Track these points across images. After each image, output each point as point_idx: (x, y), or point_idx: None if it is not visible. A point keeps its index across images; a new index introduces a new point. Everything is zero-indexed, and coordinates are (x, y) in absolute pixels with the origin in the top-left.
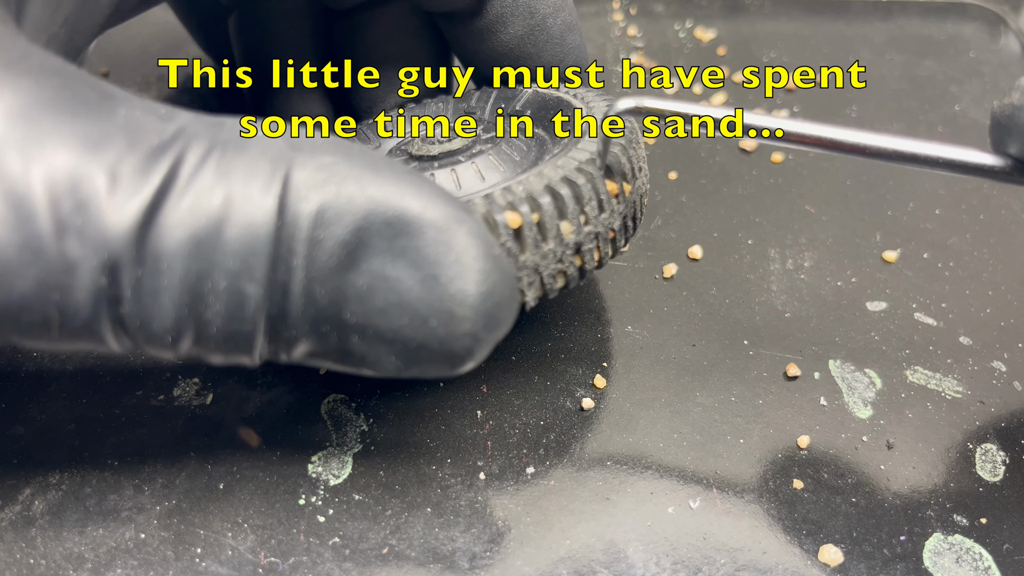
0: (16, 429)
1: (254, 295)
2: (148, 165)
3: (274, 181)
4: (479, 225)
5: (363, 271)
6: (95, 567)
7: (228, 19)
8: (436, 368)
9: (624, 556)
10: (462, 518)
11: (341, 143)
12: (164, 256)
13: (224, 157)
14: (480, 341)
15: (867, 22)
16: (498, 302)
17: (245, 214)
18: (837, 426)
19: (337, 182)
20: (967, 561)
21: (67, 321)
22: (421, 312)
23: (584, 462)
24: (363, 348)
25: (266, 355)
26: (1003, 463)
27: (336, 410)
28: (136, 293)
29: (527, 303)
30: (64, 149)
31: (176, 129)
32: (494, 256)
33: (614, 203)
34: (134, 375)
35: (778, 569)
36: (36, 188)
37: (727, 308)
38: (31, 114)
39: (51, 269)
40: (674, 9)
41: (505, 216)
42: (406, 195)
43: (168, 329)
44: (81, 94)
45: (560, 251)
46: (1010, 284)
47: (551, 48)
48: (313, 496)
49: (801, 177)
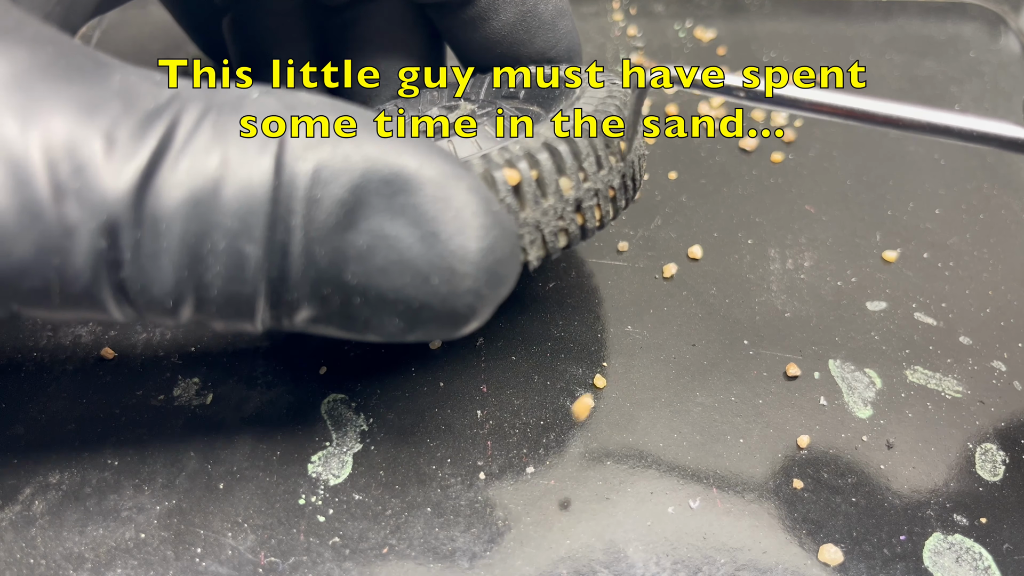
0: (16, 429)
1: (253, 255)
2: (144, 128)
3: (271, 141)
4: (477, 181)
5: (362, 230)
6: (95, 567)
7: (223, 20)
8: (439, 329)
9: (624, 556)
10: (462, 518)
11: (336, 104)
12: (162, 217)
13: (220, 119)
14: (483, 298)
15: (867, 22)
16: (499, 258)
17: (242, 174)
18: (837, 426)
19: (333, 140)
20: (967, 561)
21: (67, 286)
22: (422, 270)
23: (584, 462)
24: (365, 310)
25: (268, 321)
26: (1003, 463)
27: (336, 410)
28: (135, 256)
29: (530, 262)
30: (60, 114)
31: (171, 93)
32: (494, 212)
33: (612, 161)
34: (134, 375)
35: (778, 569)
36: (34, 153)
37: (727, 308)
38: (27, 81)
39: (50, 233)
40: (674, 9)
41: (504, 173)
42: (403, 152)
43: (168, 292)
44: (76, 61)
45: (560, 207)
46: (1010, 284)
47: (543, 34)
48: (313, 496)
49: (801, 177)
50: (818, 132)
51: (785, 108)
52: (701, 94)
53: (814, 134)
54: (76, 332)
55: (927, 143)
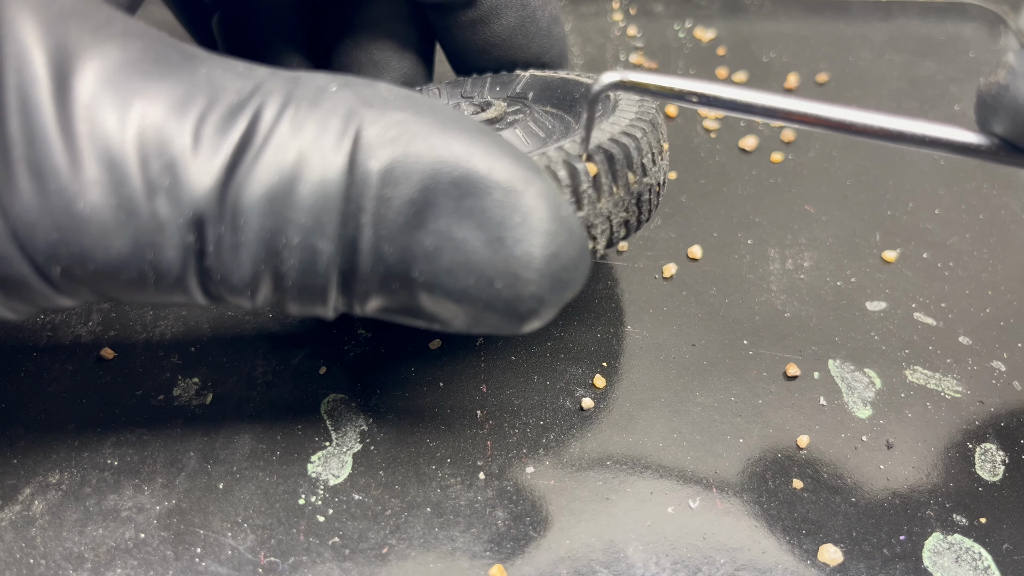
0: (16, 429)
1: (326, 251)
2: (228, 123)
3: (345, 138)
4: (548, 186)
5: (430, 231)
6: (95, 567)
7: (212, 19)
8: (502, 327)
9: (624, 556)
10: (462, 518)
11: (412, 98)
12: (242, 212)
13: (298, 114)
14: (545, 303)
15: (867, 22)
16: (564, 264)
17: (317, 171)
18: (837, 426)
19: (406, 140)
20: (967, 561)
21: (161, 277)
22: (487, 274)
23: (584, 462)
24: (432, 306)
25: (341, 308)
26: (1003, 463)
27: (336, 410)
28: (217, 248)
29: (598, 251)
30: (152, 110)
31: (253, 86)
32: (562, 217)
33: (659, 159)
34: (134, 375)
35: (778, 569)
36: (129, 151)
37: (727, 308)
38: (119, 78)
39: (144, 228)
40: (674, 9)
41: (586, 164)
42: (474, 154)
43: (247, 283)
44: (164, 55)
45: (627, 200)
46: (1010, 284)
47: (539, 39)
48: (313, 496)
49: (801, 177)
50: (818, 132)
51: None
52: (688, 78)
53: (814, 134)
54: (76, 332)
55: None
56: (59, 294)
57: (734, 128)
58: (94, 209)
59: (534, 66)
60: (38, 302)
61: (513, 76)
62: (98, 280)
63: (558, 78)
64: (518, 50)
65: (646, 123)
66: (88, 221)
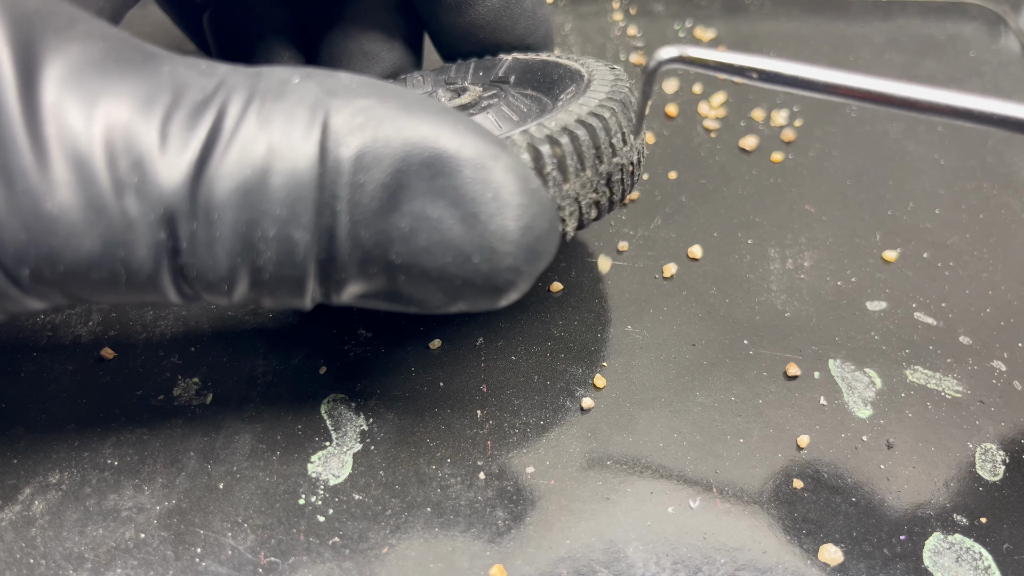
0: (16, 429)
1: (303, 241)
2: (193, 119)
3: (314, 127)
4: (516, 160)
5: (405, 212)
6: (95, 567)
7: (203, 17)
8: (480, 302)
9: (624, 556)
10: (462, 518)
11: (375, 85)
12: (215, 207)
13: (264, 107)
14: (522, 274)
15: (867, 22)
16: (538, 235)
17: (288, 162)
18: (837, 426)
19: (374, 125)
20: (967, 560)
21: (132, 275)
22: (464, 250)
23: (584, 462)
24: (410, 287)
25: (318, 298)
26: (1003, 463)
27: (336, 410)
28: (192, 245)
29: (567, 232)
30: (116, 110)
31: (217, 82)
32: (532, 189)
33: (631, 138)
34: (134, 375)
35: (778, 569)
36: (96, 149)
37: (727, 308)
38: (84, 78)
39: (114, 227)
40: (674, 9)
41: (549, 147)
42: (441, 134)
43: (223, 278)
44: (126, 55)
45: (596, 180)
46: (1010, 284)
47: (524, 20)
48: (313, 496)
49: (801, 177)
50: (818, 132)
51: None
52: (713, 74)
53: (814, 134)
54: (76, 332)
55: (927, 143)
56: (28, 296)
57: (734, 128)
58: (62, 209)
59: (519, 49)
60: (6, 306)
61: (496, 60)
62: (68, 281)
63: (539, 60)
64: (503, 32)
65: (616, 103)
66: (56, 221)
